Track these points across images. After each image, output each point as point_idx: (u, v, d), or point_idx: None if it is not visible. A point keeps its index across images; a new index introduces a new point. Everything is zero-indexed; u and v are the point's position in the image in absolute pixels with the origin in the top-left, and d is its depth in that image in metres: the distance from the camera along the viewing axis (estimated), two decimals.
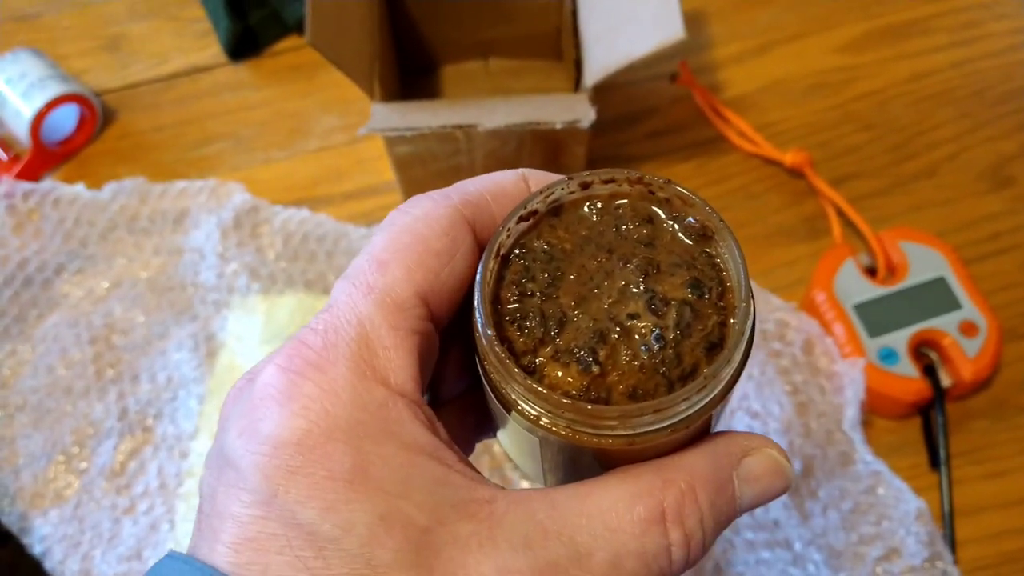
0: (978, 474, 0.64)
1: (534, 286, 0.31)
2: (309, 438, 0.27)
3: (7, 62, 0.80)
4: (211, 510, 0.28)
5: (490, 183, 0.33)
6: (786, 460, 0.32)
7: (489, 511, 0.28)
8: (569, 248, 0.31)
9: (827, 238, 0.73)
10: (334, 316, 0.29)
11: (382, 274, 0.30)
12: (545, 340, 0.30)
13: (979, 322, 0.65)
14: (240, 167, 0.80)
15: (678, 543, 0.28)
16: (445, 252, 0.31)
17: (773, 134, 0.78)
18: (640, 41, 0.61)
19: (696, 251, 0.31)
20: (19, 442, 0.70)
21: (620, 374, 0.29)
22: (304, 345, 0.28)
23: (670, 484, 0.29)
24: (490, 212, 0.32)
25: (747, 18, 0.85)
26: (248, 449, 0.27)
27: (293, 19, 0.85)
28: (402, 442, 0.28)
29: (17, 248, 0.74)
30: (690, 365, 0.29)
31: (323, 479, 0.26)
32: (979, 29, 0.82)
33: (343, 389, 0.27)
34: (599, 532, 0.28)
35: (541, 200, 0.32)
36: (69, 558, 0.65)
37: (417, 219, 0.31)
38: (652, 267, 0.30)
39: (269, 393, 0.28)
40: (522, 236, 0.32)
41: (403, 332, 0.29)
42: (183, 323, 0.72)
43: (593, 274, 0.31)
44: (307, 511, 0.26)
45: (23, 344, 0.73)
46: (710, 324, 0.29)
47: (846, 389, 0.62)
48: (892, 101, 0.79)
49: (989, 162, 0.76)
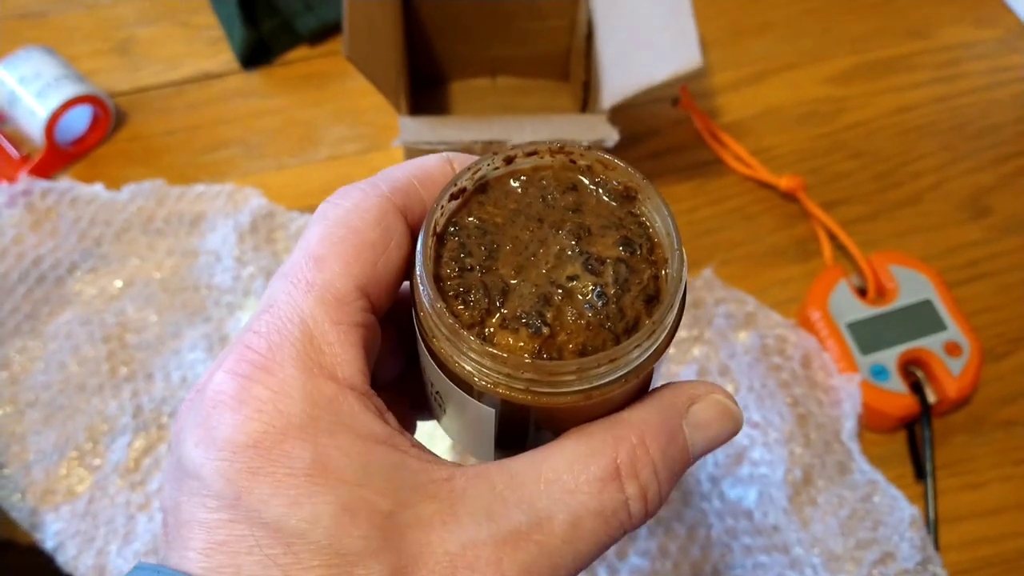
0: (958, 485, 0.68)
1: (472, 260, 0.31)
2: (266, 439, 0.27)
3: (19, 60, 0.81)
4: (176, 520, 0.28)
5: (416, 168, 0.33)
6: (733, 403, 0.33)
7: (449, 488, 0.29)
8: (501, 222, 0.32)
9: (818, 259, 0.77)
10: (276, 317, 0.29)
11: (320, 270, 0.30)
12: (491, 310, 0.30)
13: (962, 343, 0.70)
14: (251, 172, 0.82)
15: (635, 496, 0.30)
16: (380, 242, 0.31)
17: (768, 159, 0.82)
18: (658, 66, 0.64)
19: (621, 212, 0.33)
20: (30, 438, 0.70)
21: (568, 333, 0.30)
22: (249, 349, 0.29)
23: (621, 440, 0.30)
24: (419, 197, 0.33)
25: (743, 48, 0.89)
26: (208, 457, 0.27)
27: (305, 29, 0.87)
28: (356, 433, 0.28)
29: (33, 245, 0.75)
30: (632, 318, 0.30)
31: (284, 476, 0.27)
32: (959, 68, 0.88)
33: (293, 388, 0.28)
34: (557, 496, 0.29)
35: (469, 177, 0.32)
36: (83, 553, 0.66)
37: (349, 211, 0.31)
38: (583, 231, 0.32)
39: (221, 400, 0.28)
40: (453, 215, 0.33)
41: (346, 326, 0.30)
42: (196, 324, 0.73)
43: (528, 243, 0.32)
44: (272, 509, 0.27)
45: (34, 340, 0.73)
46: (645, 278, 0.31)
47: (844, 402, 0.66)
48: (879, 132, 0.84)
49: (968, 192, 0.81)
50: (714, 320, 0.71)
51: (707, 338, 0.71)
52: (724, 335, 0.70)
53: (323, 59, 0.88)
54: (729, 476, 0.66)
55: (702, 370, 0.70)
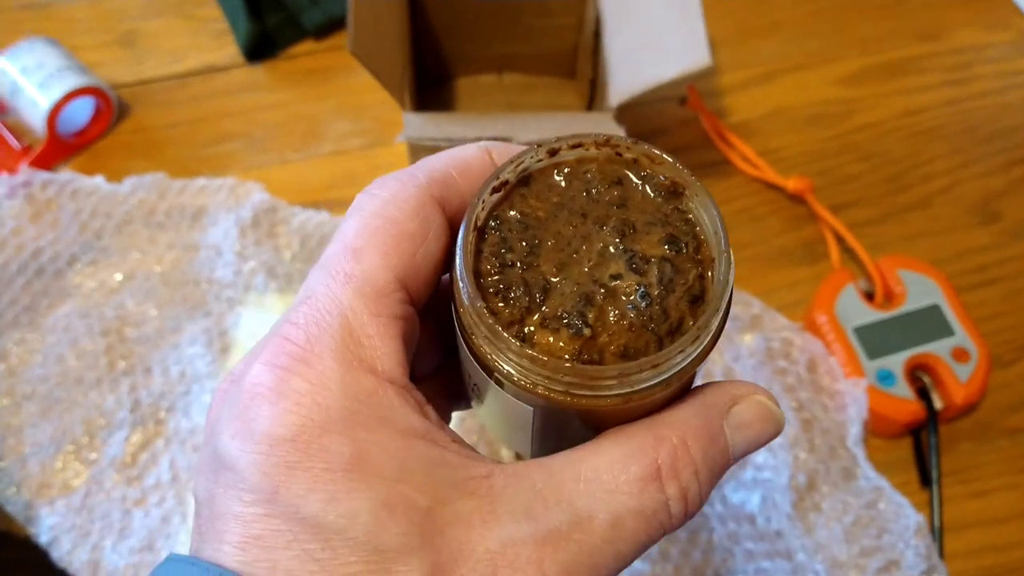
0: (964, 493, 0.68)
1: (513, 256, 0.31)
2: (304, 433, 0.27)
3: (22, 50, 0.80)
4: (211, 513, 0.28)
5: (455, 159, 0.33)
6: (775, 405, 0.32)
7: (488, 486, 0.28)
8: (543, 216, 0.32)
9: (825, 262, 0.76)
10: (314, 308, 0.29)
11: (358, 261, 0.30)
12: (531, 308, 0.30)
13: (970, 349, 0.69)
14: (254, 167, 0.81)
15: (675, 497, 0.29)
16: (418, 233, 0.30)
17: (776, 160, 0.81)
18: (667, 65, 0.64)
19: (668, 208, 0.32)
20: (26, 431, 0.70)
21: (610, 335, 0.29)
22: (287, 340, 0.28)
23: (662, 440, 0.29)
24: (457, 188, 0.32)
25: (752, 48, 0.88)
26: (244, 449, 0.27)
27: (310, 24, 0.86)
28: (396, 428, 0.28)
29: (33, 237, 0.74)
30: (676, 319, 0.30)
31: (322, 471, 0.26)
32: (970, 71, 0.87)
33: (332, 381, 0.28)
34: (597, 495, 0.28)
35: (512, 170, 0.32)
36: (78, 548, 0.65)
37: (387, 202, 0.31)
38: (628, 227, 0.31)
39: (258, 392, 0.28)
40: (495, 208, 0.32)
41: (385, 319, 0.29)
42: (196, 318, 0.73)
43: (570, 239, 0.31)
44: (310, 504, 0.26)
45: (33, 332, 0.73)
46: (691, 278, 0.30)
47: (849, 407, 0.65)
48: (888, 134, 0.83)
49: (978, 197, 0.80)
50: None
51: None
52: (729, 337, 0.70)
53: (328, 54, 0.87)
54: (732, 480, 0.65)
55: (707, 372, 0.69)
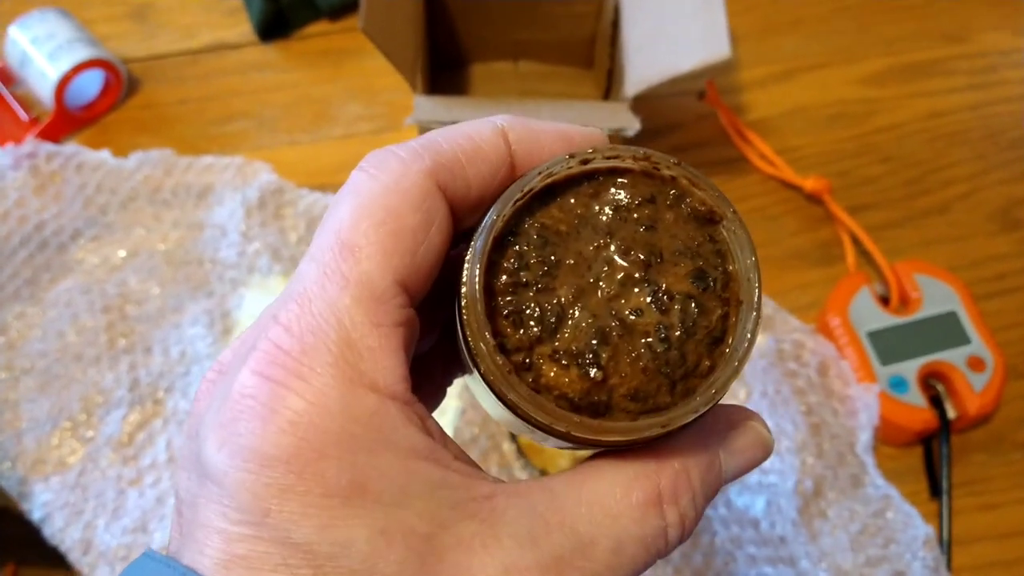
0: (974, 505, 0.66)
1: (528, 275, 0.28)
2: (300, 456, 0.25)
3: (34, 20, 0.79)
4: (193, 519, 0.26)
5: (465, 142, 0.29)
6: (766, 430, 0.32)
7: (490, 508, 0.27)
8: (565, 230, 0.29)
9: (841, 265, 0.75)
10: (308, 313, 0.27)
11: (356, 261, 0.27)
12: (542, 339, 0.28)
13: (986, 358, 0.67)
14: (262, 147, 0.80)
15: (674, 523, 0.28)
16: (421, 228, 0.28)
17: (793, 159, 0.79)
18: (685, 56, 0.62)
19: (700, 236, 0.29)
20: (23, 406, 0.69)
21: (622, 376, 0.28)
22: (280, 350, 0.26)
23: (664, 466, 0.29)
24: (464, 176, 0.29)
25: (773, 44, 0.86)
26: (232, 465, 0.25)
27: (325, 4, 0.85)
28: (398, 450, 0.26)
29: (36, 210, 0.74)
30: (693, 363, 0.28)
31: (318, 497, 0.25)
32: (996, 75, 0.85)
33: (332, 400, 0.26)
34: (599, 520, 0.28)
35: (539, 180, 0.29)
36: (70, 526, 0.64)
37: (388, 189, 0.28)
38: (654, 255, 0.29)
39: (249, 405, 0.26)
40: (513, 215, 0.29)
41: (387, 328, 0.27)
42: (199, 298, 0.72)
43: (591, 262, 0.29)
44: (302, 530, 0.25)
45: (33, 307, 0.72)
46: (714, 319, 0.28)
47: (860, 413, 0.64)
48: (910, 137, 0.81)
49: (999, 204, 0.78)
50: None
51: None
52: None
53: (342, 35, 0.86)
54: (737, 483, 0.64)
55: None
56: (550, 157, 0.30)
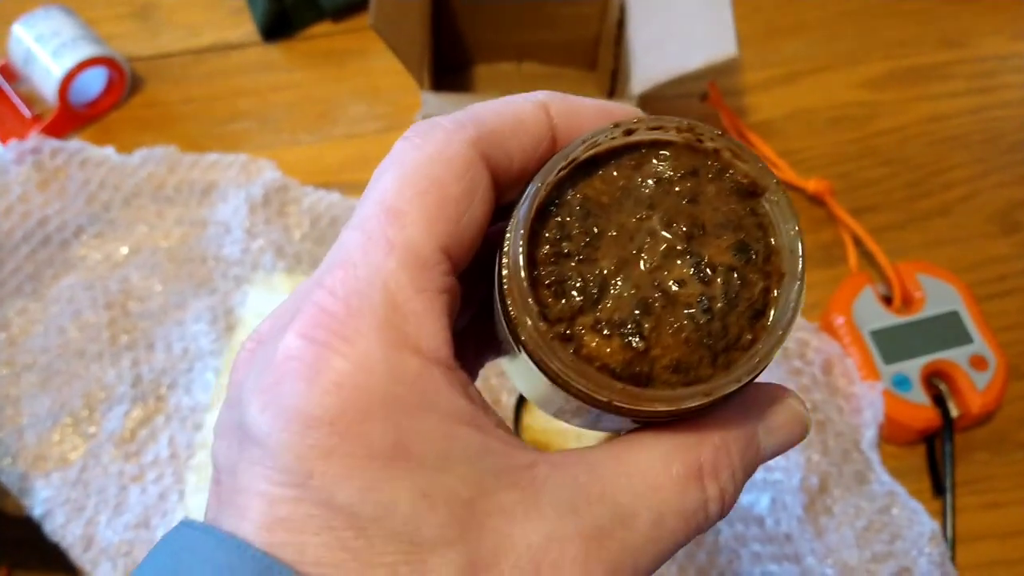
0: (977, 504, 0.66)
1: (570, 245, 0.28)
2: (344, 417, 0.25)
3: (38, 18, 0.79)
4: (233, 485, 0.26)
5: (508, 114, 0.30)
6: (805, 409, 0.32)
7: (531, 477, 0.27)
8: (607, 201, 0.29)
9: (843, 266, 0.75)
10: (354, 277, 0.27)
11: (401, 227, 0.27)
12: (584, 309, 0.28)
13: (989, 357, 0.67)
14: (266, 146, 0.80)
15: (715, 498, 0.28)
16: (464, 198, 0.28)
17: (796, 161, 0.80)
18: (692, 55, 0.62)
19: (742, 209, 0.29)
20: (24, 401, 0.69)
21: (664, 348, 0.27)
22: (325, 312, 0.26)
23: (705, 441, 0.29)
24: (506, 148, 0.29)
25: (776, 47, 0.87)
26: (275, 427, 0.25)
27: (329, 4, 0.85)
28: (441, 413, 0.26)
29: (39, 205, 0.73)
30: (735, 335, 0.28)
31: (362, 459, 0.25)
32: (995, 79, 0.85)
33: (376, 362, 0.26)
34: (640, 491, 0.28)
35: (583, 150, 0.29)
36: (71, 523, 0.64)
37: (432, 158, 0.28)
38: (697, 227, 0.29)
39: (293, 367, 0.26)
40: (555, 186, 0.29)
41: (431, 293, 0.27)
42: (201, 295, 0.72)
43: (633, 233, 0.29)
44: (346, 491, 0.25)
45: (35, 303, 0.72)
46: (756, 291, 0.28)
47: (864, 411, 0.64)
48: (911, 140, 0.82)
49: (999, 206, 0.79)
50: None
51: None
52: None
53: (345, 36, 0.86)
54: None
55: None
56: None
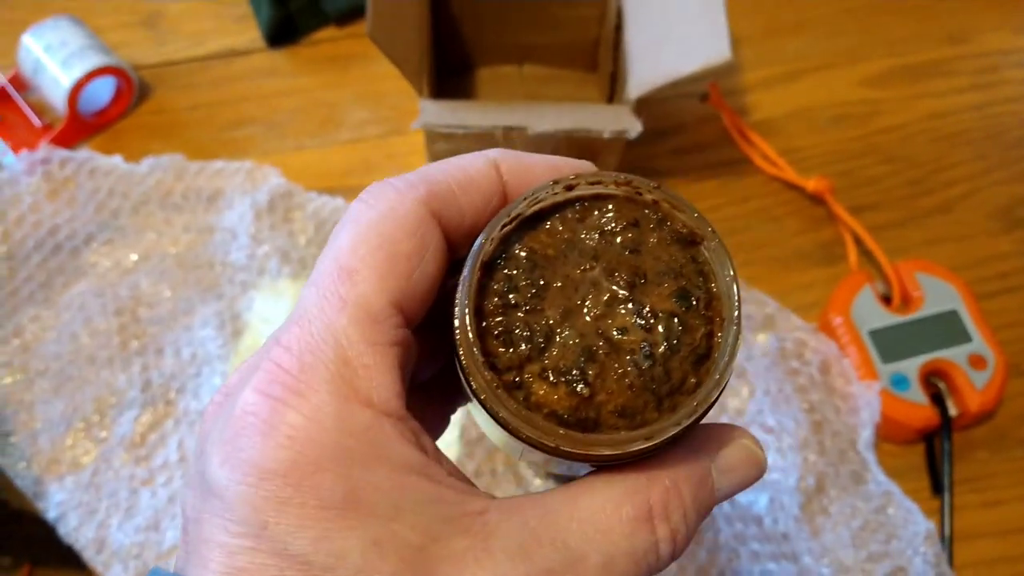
0: (977, 502, 0.67)
1: (517, 297, 0.30)
2: (297, 469, 0.26)
3: (47, 29, 0.80)
4: (197, 535, 0.27)
5: (458, 172, 0.31)
6: (759, 449, 0.33)
7: (483, 523, 0.28)
8: (552, 254, 0.30)
9: (843, 264, 0.75)
10: (307, 333, 0.28)
11: (353, 284, 0.29)
12: (532, 357, 0.29)
13: (987, 356, 0.68)
14: (271, 152, 0.81)
15: (665, 539, 0.29)
16: (415, 253, 0.29)
17: (796, 160, 0.80)
18: (687, 59, 0.63)
19: (683, 257, 0.30)
20: (38, 407, 0.70)
21: (609, 393, 0.29)
22: (280, 368, 0.28)
23: (655, 482, 0.29)
24: (457, 205, 0.31)
25: (776, 46, 0.87)
26: (233, 479, 0.26)
27: (333, 10, 0.86)
28: (391, 464, 0.27)
29: (49, 214, 0.75)
30: (678, 380, 0.29)
31: (314, 509, 0.26)
32: (998, 75, 0.85)
33: (327, 416, 0.27)
34: (590, 534, 0.28)
35: (525, 206, 0.30)
36: (84, 525, 0.66)
37: (384, 216, 0.29)
38: (639, 277, 0.30)
39: (250, 421, 0.27)
40: (503, 241, 0.31)
41: (381, 346, 0.28)
42: (209, 301, 0.73)
43: (578, 284, 0.30)
44: (299, 541, 0.26)
45: (47, 310, 0.73)
46: (698, 336, 0.29)
47: (861, 411, 0.65)
48: (913, 137, 0.82)
49: (1001, 203, 0.79)
50: None
51: None
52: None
53: (349, 40, 0.87)
54: None
55: None
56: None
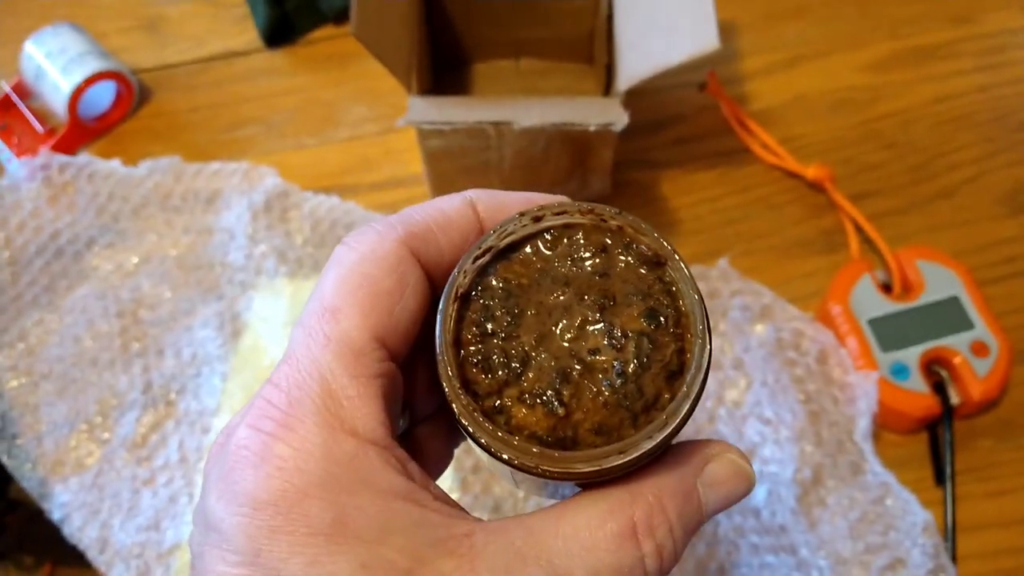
0: (981, 492, 0.66)
1: (494, 325, 0.31)
2: (286, 498, 0.27)
3: (48, 35, 0.81)
4: (200, 569, 0.29)
5: (435, 212, 0.33)
6: (747, 463, 0.33)
7: (469, 545, 0.29)
8: (526, 283, 0.32)
9: (844, 252, 0.74)
10: (295, 370, 0.30)
11: (336, 322, 0.30)
12: (509, 382, 0.30)
13: (990, 343, 0.66)
14: (271, 151, 0.82)
15: (651, 554, 0.30)
16: (395, 290, 0.31)
17: (796, 148, 0.79)
18: (675, 49, 0.62)
19: (650, 279, 0.32)
20: (43, 409, 0.71)
21: (585, 412, 0.30)
22: (270, 404, 0.29)
23: (638, 498, 0.30)
24: (436, 243, 0.33)
25: (776, 32, 0.86)
26: (228, 511, 0.28)
27: (329, 8, 0.86)
28: (377, 490, 0.28)
29: (51, 219, 0.76)
30: (652, 396, 0.30)
31: (304, 535, 0.27)
32: (1004, 55, 0.84)
33: (314, 446, 0.28)
34: (575, 552, 0.29)
35: (495, 238, 0.32)
36: (88, 525, 0.67)
37: (364, 257, 0.31)
38: (608, 299, 0.31)
39: (243, 455, 0.29)
40: (478, 273, 0.32)
41: (365, 379, 0.30)
42: (209, 301, 0.74)
43: (551, 310, 0.31)
44: (290, 567, 0.27)
45: (51, 314, 0.74)
46: (668, 353, 0.30)
47: (859, 401, 0.64)
48: (915, 122, 0.81)
49: (1007, 187, 0.77)
50: (729, 312, 0.69)
51: (721, 330, 0.69)
52: (739, 327, 0.68)
53: (346, 39, 0.87)
54: None
55: (715, 362, 0.68)
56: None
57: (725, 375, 0.67)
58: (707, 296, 0.70)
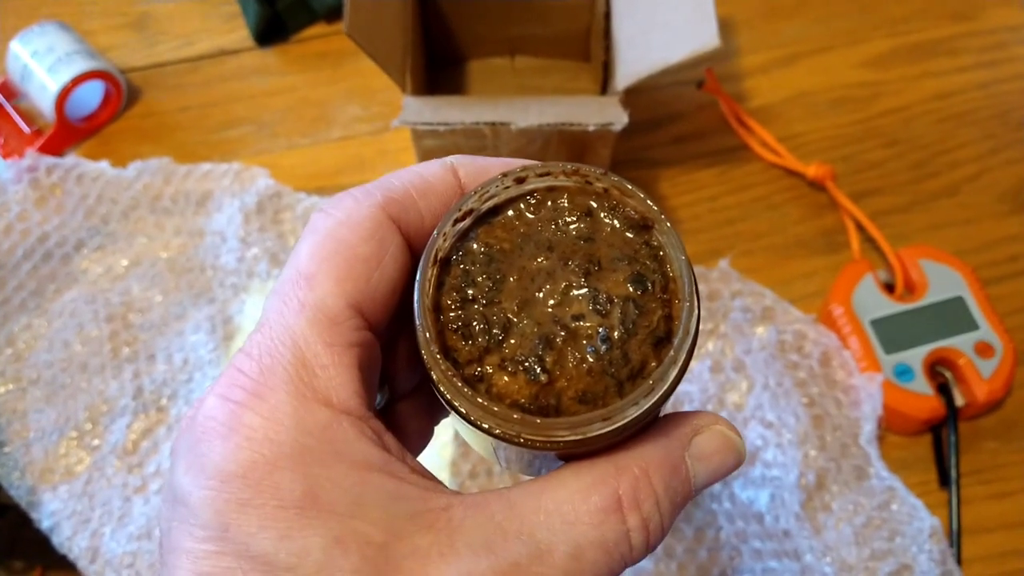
0: (986, 494, 0.65)
1: (475, 291, 0.30)
2: (256, 469, 0.26)
3: (34, 35, 0.80)
4: (168, 545, 0.27)
5: (416, 177, 0.32)
6: (736, 435, 0.32)
7: (447, 518, 0.28)
8: (508, 248, 0.31)
9: (846, 252, 0.73)
10: (267, 338, 0.29)
11: (311, 288, 0.29)
12: (490, 349, 0.29)
13: (995, 343, 0.66)
14: (263, 152, 0.80)
15: (636, 528, 0.29)
16: (373, 257, 0.30)
17: (796, 146, 0.78)
18: (674, 47, 0.61)
19: (637, 243, 0.31)
20: (31, 416, 0.70)
21: (568, 379, 0.29)
22: (240, 373, 0.28)
23: (623, 471, 0.29)
24: (416, 209, 0.31)
25: (774, 29, 0.85)
26: (195, 485, 0.27)
27: (321, 7, 0.85)
28: (351, 461, 0.27)
29: (38, 222, 0.74)
30: (638, 363, 0.29)
31: (274, 508, 0.26)
32: (1005, 52, 0.83)
33: (285, 415, 0.27)
34: (557, 527, 0.28)
35: (476, 199, 0.31)
36: (78, 534, 0.65)
37: (340, 223, 0.30)
38: (593, 264, 0.30)
39: (210, 426, 0.27)
40: (459, 238, 0.31)
41: (340, 347, 0.29)
42: (201, 305, 0.72)
43: (534, 275, 0.30)
44: (260, 542, 0.26)
45: (39, 318, 0.73)
46: (655, 319, 0.29)
47: (863, 404, 0.63)
48: (916, 119, 0.80)
49: (1010, 184, 0.76)
50: (730, 314, 0.68)
51: (722, 332, 0.68)
52: (740, 329, 0.67)
53: (338, 37, 0.86)
54: (741, 477, 0.63)
55: (716, 365, 0.66)
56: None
57: (726, 377, 0.66)
58: (707, 298, 0.69)
